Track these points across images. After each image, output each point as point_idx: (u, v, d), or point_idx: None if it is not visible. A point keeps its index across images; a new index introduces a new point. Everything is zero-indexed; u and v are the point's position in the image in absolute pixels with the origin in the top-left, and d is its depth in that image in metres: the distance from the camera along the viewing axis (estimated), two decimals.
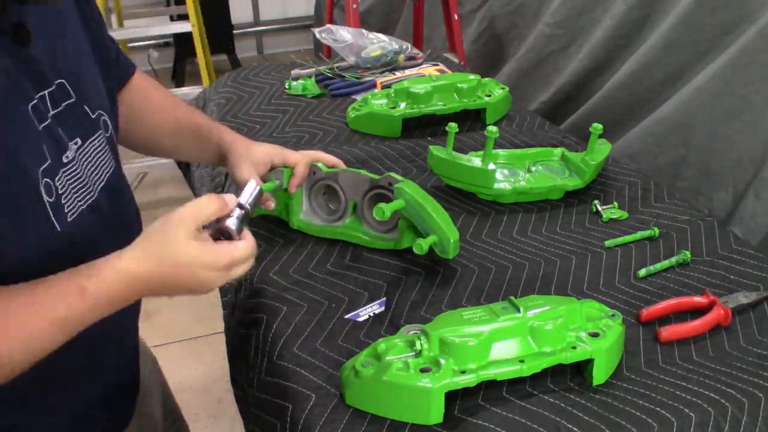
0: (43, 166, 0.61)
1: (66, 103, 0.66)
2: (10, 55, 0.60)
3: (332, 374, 0.69)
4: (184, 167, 1.37)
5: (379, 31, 1.59)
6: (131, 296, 0.62)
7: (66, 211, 0.63)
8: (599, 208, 0.97)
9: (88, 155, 0.68)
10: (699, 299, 0.78)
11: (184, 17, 2.72)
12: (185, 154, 0.99)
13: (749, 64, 1.27)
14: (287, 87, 1.37)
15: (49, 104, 0.63)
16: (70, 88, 0.67)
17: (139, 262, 0.61)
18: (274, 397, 0.71)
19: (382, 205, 0.81)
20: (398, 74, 1.40)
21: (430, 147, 1.01)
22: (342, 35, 1.45)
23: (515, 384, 0.66)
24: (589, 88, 1.75)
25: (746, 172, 1.27)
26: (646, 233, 0.92)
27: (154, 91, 0.91)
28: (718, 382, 0.68)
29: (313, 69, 1.44)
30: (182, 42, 3.27)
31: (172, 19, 3.26)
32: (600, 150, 1.03)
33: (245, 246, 0.65)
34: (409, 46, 1.48)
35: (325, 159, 0.92)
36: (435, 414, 0.61)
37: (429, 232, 0.80)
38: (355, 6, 2.08)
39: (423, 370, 0.61)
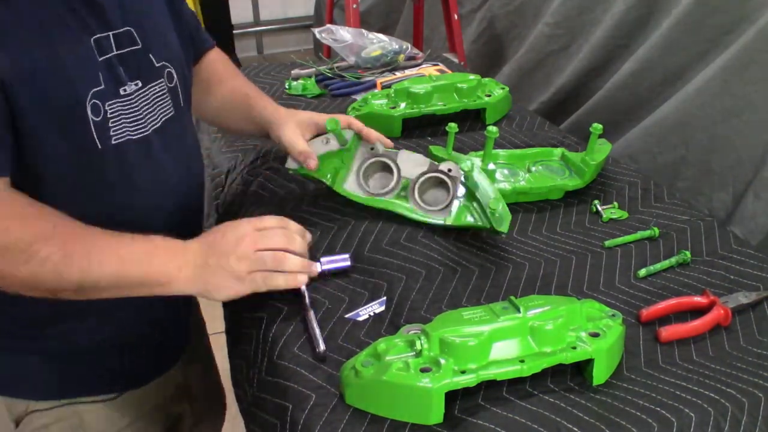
0: (96, 89, 0.69)
1: (131, 48, 0.74)
2: (85, 3, 0.69)
3: (332, 374, 0.69)
4: None
5: (379, 31, 1.59)
6: (180, 262, 0.69)
7: (111, 134, 0.71)
8: (599, 208, 0.97)
9: (146, 97, 0.76)
10: (699, 299, 0.78)
11: None
12: (234, 125, 1.02)
13: (749, 64, 1.27)
14: (287, 87, 1.37)
15: (113, 44, 0.72)
16: (137, 36, 0.75)
17: (192, 239, 0.71)
18: (274, 396, 0.71)
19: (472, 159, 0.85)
20: (398, 74, 1.40)
21: (430, 147, 1.01)
22: (342, 35, 1.45)
23: (515, 384, 0.66)
24: (589, 88, 1.75)
25: (746, 172, 1.27)
26: (646, 233, 0.92)
27: (223, 65, 0.99)
28: (718, 382, 0.68)
29: (313, 69, 1.43)
30: None
31: None
32: (600, 150, 1.03)
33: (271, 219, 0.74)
34: (409, 46, 1.48)
35: (358, 124, 0.93)
36: (435, 414, 0.61)
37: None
38: (355, 6, 2.08)
39: (423, 370, 0.61)
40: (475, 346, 0.62)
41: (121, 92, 0.72)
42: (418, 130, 1.20)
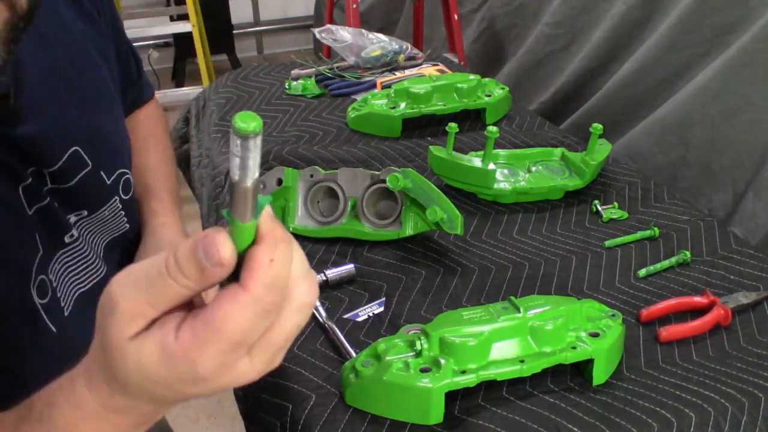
0: (37, 260, 0.51)
1: (80, 175, 0.57)
2: (8, 148, 0.50)
3: (332, 374, 0.69)
4: (184, 166, 1.37)
5: (379, 31, 1.59)
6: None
7: (62, 305, 0.54)
8: (599, 208, 0.97)
9: (96, 224, 0.60)
10: (699, 299, 0.78)
11: (184, 17, 2.73)
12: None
13: (749, 64, 1.27)
14: (287, 87, 1.37)
15: (48, 181, 0.54)
16: (84, 155, 0.57)
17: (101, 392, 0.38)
18: (274, 396, 0.70)
19: (396, 174, 0.82)
20: (398, 74, 1.40)
21: (430, 147, 1.01)
22: (342, 35, 1.45)
23: (515, 384, 0.66)
24: (589, 88, 1.75)
25: (746, 172, 1.27)
26: (646, 233, 0.92)
27: (156, 126, 0.81)
28: (718, 382, 0.68)
29: (313, 69, 1.43)
30: (182, 42, 3.27)
31: (172, 19, 3.26)
32: (600, 150, 1.03)
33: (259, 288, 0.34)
34: (409, 46, 1.48)
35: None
36: (435, 414, 0.61)
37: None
38: (355, 6, 2.08)
39: (423, 370, 0.61)
40: (475, 346, 0.62)
41: (67, 239, 0.55)
42: (418, 130, 1.20)
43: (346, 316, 0.77)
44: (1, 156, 0.49)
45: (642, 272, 0.84)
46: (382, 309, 0.78)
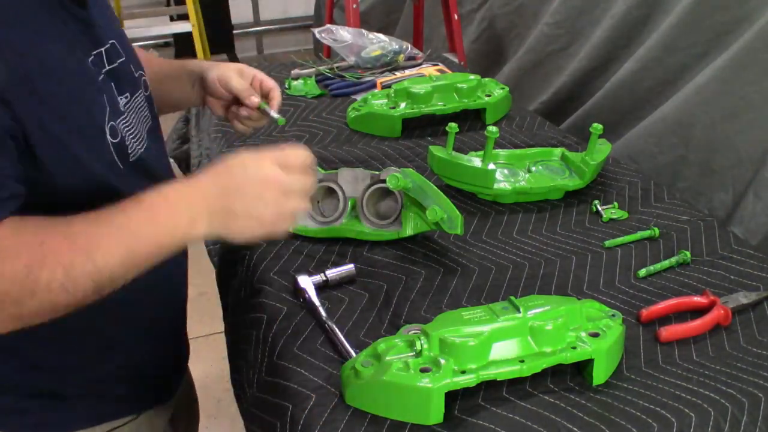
0: (106, 112, 0.67)
1: (119, 60, 0.72)
2: (71, 15, 0.66)
3: (332, 374, 0.69)
4: (184, 166, 1.37)
5: (379, 31, 1.59)
6: (192, 212, 0.62)
7: (129, 152, 0.70)
8: (599, 208, 0.97)
9: (135, 109, 0.74)
10: (699, 299, 0.78)
11: (184, 17, 2.73)
12: (174, 99, 0.96)
13: (749, 64, 1.27)
14: (287, 87, 1.37)
15: (105, 60, 0.70)
16: (119, 48, 0.73)
17: (196, 176, 0.65)
18: (274, 396, 0.71)
19: (396, 174, 0.82)
20: (398, 74, 1.40)
21: (430, 147, 1.01)
22: (342, 35, 1.45)
23: (515, 384, 0.66)
24: (589, 88, 1.75)
25: (746, 172, 1.27)
26: (646, 233, 0.92)
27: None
28: (718, 383, 0.68)
29: (313, 69, 1.44)
30: (182, 42, 3.27)
31: (172, 19, 3.26)
32: (600, 150, 1.03)
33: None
34: (409, 46, 1.48)
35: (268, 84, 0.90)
36: (435, 414, 0.61)
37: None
38: (355, 6, 2.08)
39: (423, 370, 0.61)
40: (475, 346, 0.62)
41: (122, 108, 0.71)
42: (418, 130, 1.20)
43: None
44: (76, 34, 0.66)
45: (642, 272, 0.84)
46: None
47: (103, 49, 0.69)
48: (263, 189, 0.64)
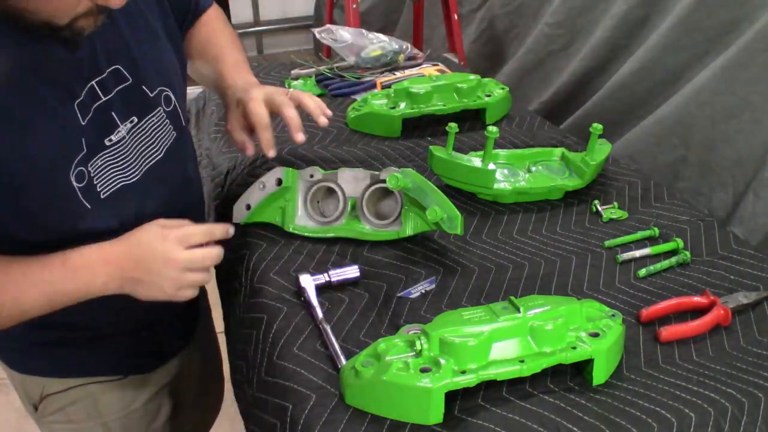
0: (79, 156, 0.69)
1: (122, 86, 0.73)
2: (59, 61, 0.66)
3: (332, 374, 0.69)
4: None
5: (379, 31, 1.59)
6: (107, 276, 0.71)
7: (99, 189, 0.72)
8: (599, 208, 0.97)
9: (144, 131, 0.76)
10: (699, 299, 0.78)
11: None
12: (196, 70, 0.99)
13: (749, 64, 1.27)
14: (287, 87, 1.37)
15: (99, 92, 0.71)
16: (125, 72, 0.74)
17: (115, 243, 0.72)
18: (274, 396, 0.70)
19: (395, 174, 0.83)
20: (398, 74, 1.40)
21: (430, 147, 1.01)
22: (342, 35, 1.45)
23: (515, 384, 0.66)
24: (589, 88, 1.75)
25: (746, 172, 1.27)
26: (646, 233, 0.92)
27: (216, 23, 0.97)
28: (718, 382, 0.68)
29: (313, 69, 1.43)
30: None
31: None
32: (600, 150, 1.02)
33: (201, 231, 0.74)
34: (409, 46, 1.48)
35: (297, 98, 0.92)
36: (435, 414, 0.61)
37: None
38: (354, 6, 2.08)
39: (423, 370, 0.61)
40: (475, 346, 0.62)
41: (107, 143, 0.72)
42: (418, 130, 1.20)
43: (399, 295, 0.79)
44: (63, 78, 0.67)
45: (642, 272, 0.84)
46: (433, 286, 0.81)
47: (94, 82, 0.70)
48: (165, 267, 0.71)
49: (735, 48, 1.30)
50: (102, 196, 0.73)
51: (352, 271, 0.81)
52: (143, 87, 0.76)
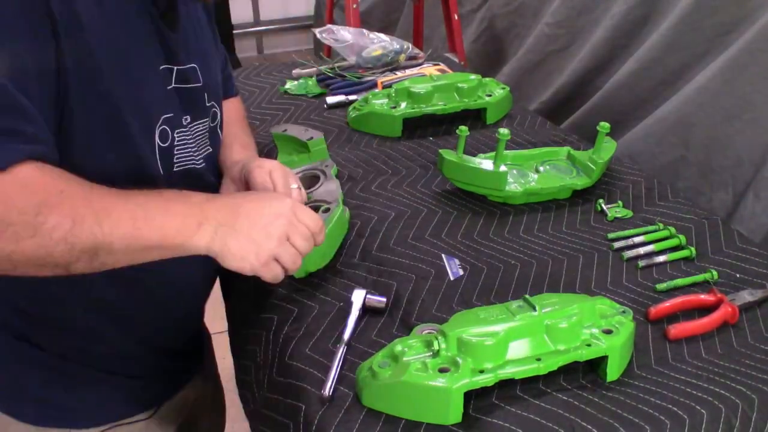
0: (166, 115, 0.70)
1: (192, 84, 0.76)
2: (158, 30, 0.70)
3: (345, 375, 0.69)
4: None
5: (379, 31, 1.59)
6: (202, 217, 0.64)
7: (174, 161, 0.72)
8: (604, 207, 0.98)
9: (193, 132, 0.77)
10: (706, 297, 0.78)
11: None
12: None
13: (749, 64, 1.28)
14: (280, 90, 1.36)
15: (174, 77, 0.73)
16: (200, 74, 0.77)
17: (221, 195, 0.76)
18: (286, 397, 0.70)
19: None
20: (399, 74, 1.40)
21: (441, 151, 1.00)
22: (342, 35, 1.44)
23: (528, 382, 0.66)
24: (590, 88, 1.75)
25: (746, 172, 1.28)
26: (662, 233, 0.91)
27: (236, 113, 0.97)
28: (728, 379, 0.69)
29: (314, 69, 1.43)
30: None
31: None
32: (606, 148, 1.03)
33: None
34: (410, 46, 1.48)
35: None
36: (454, 414, 0.62)
37: None
38: (355, 6, 2.08)
39: (441, 371, 0.61)
40: (492, 345, 0.62)
41: (183, 122, 0.74)
42: (419, 130, 1.21)
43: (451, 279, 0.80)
44: (155, 45, 0.70)
45: (662, 286, 0.82)
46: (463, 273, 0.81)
47: (175, 68, 0.72)
48: (273, 220, 0.66)
49: (735, 48, 1.31)
50: (174, 169, 0.72)
51: (378, 301, 0.77)
52: (205, 94, 0.79)
